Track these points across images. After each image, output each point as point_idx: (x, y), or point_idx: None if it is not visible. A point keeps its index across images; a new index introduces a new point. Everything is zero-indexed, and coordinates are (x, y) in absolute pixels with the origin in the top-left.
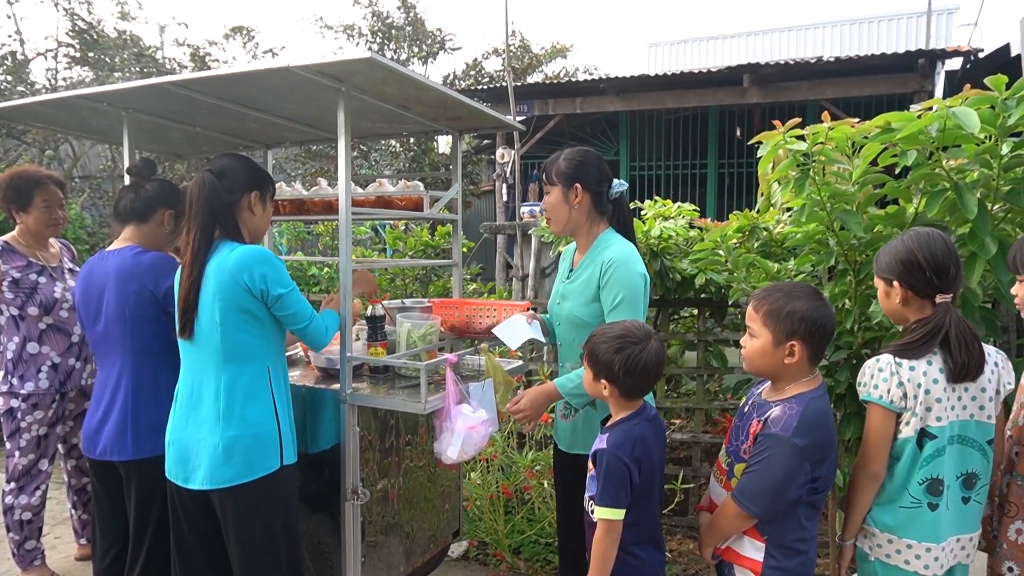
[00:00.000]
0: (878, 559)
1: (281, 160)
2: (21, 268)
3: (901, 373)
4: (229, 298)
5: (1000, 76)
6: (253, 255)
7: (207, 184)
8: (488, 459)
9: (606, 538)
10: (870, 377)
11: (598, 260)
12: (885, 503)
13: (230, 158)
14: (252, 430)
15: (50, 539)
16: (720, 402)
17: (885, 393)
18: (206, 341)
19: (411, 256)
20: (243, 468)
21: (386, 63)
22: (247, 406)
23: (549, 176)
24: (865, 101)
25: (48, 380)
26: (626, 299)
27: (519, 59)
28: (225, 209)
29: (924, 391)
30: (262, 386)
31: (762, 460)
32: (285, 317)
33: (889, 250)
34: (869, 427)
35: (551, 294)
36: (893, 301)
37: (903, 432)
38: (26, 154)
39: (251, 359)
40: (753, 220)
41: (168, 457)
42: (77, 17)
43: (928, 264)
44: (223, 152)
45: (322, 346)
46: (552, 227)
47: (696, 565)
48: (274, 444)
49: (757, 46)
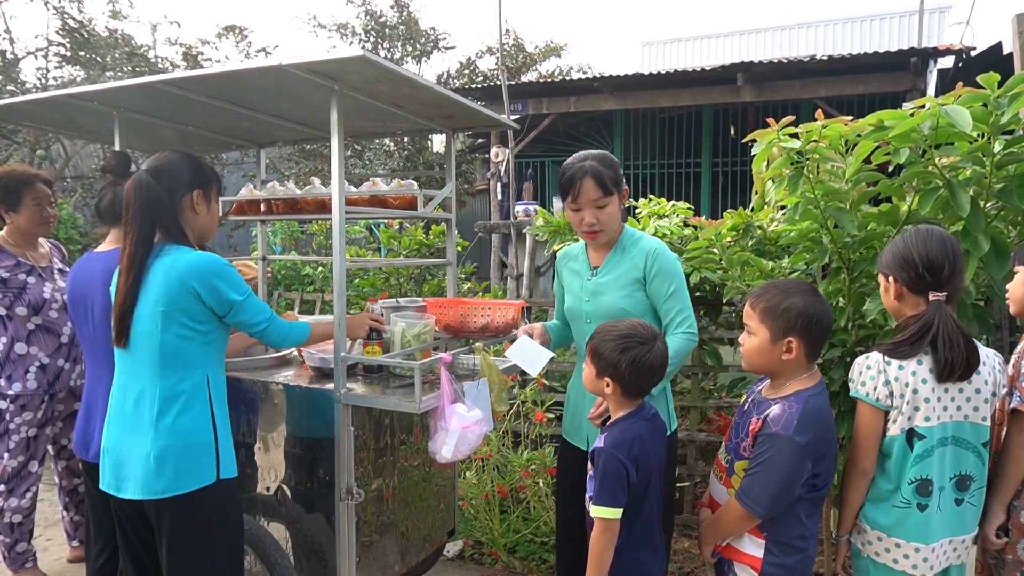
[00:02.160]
0: (869, 556)
1: (275, 159)
2: (10, 268)
3: (889, 372)
4: (174, 303)
5: (992, 74)
6: (207, 264)
7: (143, 184)
8: (483, 458)
9: (603, 537)
10: (859, 374)
11: (634, 251)
12: (877, 500)
13: (169, 155)
14: (185, 440)
15: (41, 541)
16: (715, 400)
17: (872, 391)
18: (143, 348)
19: (405, 255)
20: (175, 480)
21: (379, 61)
22: (182, 415)
23: (606, 186)
24: (858, 99)
25: (36, 381)
26: (679, 287)
27: (513, 58)
28: (165, 210)
29: (912, 391)
30: (200, 395)
31: (764, 460)
32: (241, 323)
33: (890, 246)
34: (858, 423)
35: (567, 296)
36: (889, 296)
37: (890, 430)
38: (17, 154)
39: (190, 367)
40: (747, 218)
41: (102, 466)
42: (68, 16)
43: (922, 261)
44: (217, 151)
45: (282, 346)
46: (602, 238)
47: (691, 563)
48: (210, 456)
49: (750, 45)
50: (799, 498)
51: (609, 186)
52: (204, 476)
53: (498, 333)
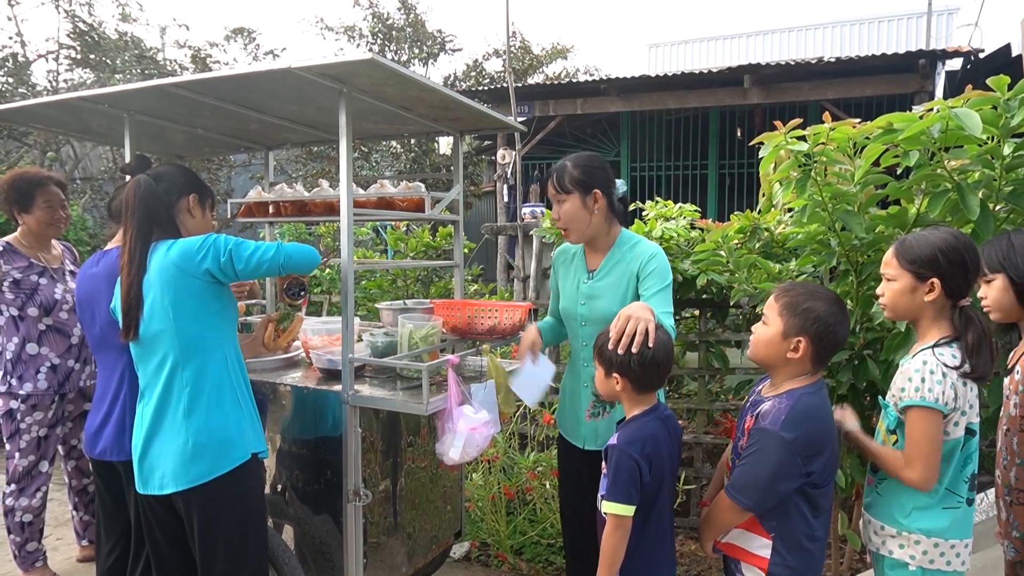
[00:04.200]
0: (921, 567)
1: (282, 161)
2: (23, 269)
3: (950, 375)
4: (179, 291)
5: (1002, 77)
6: (192, 241)
7: (143, 184)
8: (490, 460)
9: (615, 534)
10: (921, 381)
11: (631, 256)
12: (928, 508)
13: (168, 166)
14: (219, 434)
15: (51, 540)
16: (722, 403)
17: (941, 395)
18: (161, 344)
19: (412, 257)
20: (211, 467)
21: (387, 64)
22: (212, 409)
23: (562, 185)
24: (866, 101)
25: (47, 381)
26: (667, 289)
27: (520, 60)
28: (163, 208)
29: (970, 389)
30: (224, 380)
31: (752, 454)
32: (251, 261)
33: (928, 245)
34: (924, 434)
35: (562, 296)
36: (918, 298)
37: (952, 433)
38: (27, 155)
39: (210, 349)
40: (754, 221)
41: (137, 470)
42: (78, 19)
43: (972, 267)
44: (225, 153)
45: (298, 264)
46: (571, 237)
47: (698, 566)
48: (241, 436)
49: (758, 46)
50: (800, 495)
51: (567, 185)
52: (237, 455)
53: (505, 335)
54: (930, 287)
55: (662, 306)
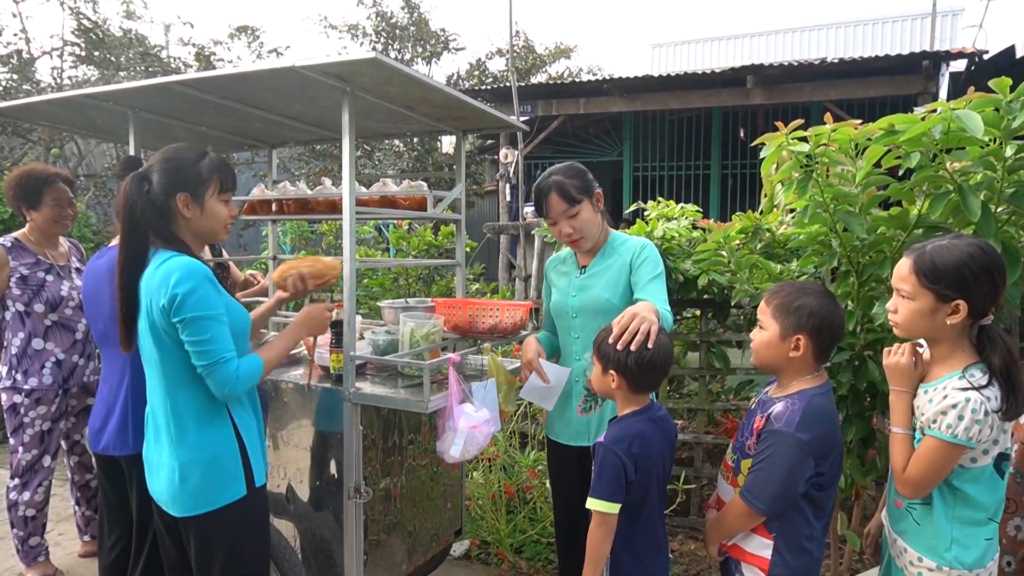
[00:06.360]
0: None
1: (285, 159)
2: (30, 265)
3: (991, 416)
4: (156, 322)
5: (1004, 79)
6: (172, 270)
7: (129, 191)
8: (490, 458)
9: (599, 530)
10: (959, 419)
11: (624, 249)
12: (968, 540)
13: (158, 159)
14: (209, 454)
15: (54, 535)
16: (723, 403)
17: (976, 435)
18: (148, 360)
19: (414, 256)
20: (203, 496)
21: (391, 63)
22: (200, 429)
23: (571, 197)
24: (869, 102)
25: (51, 376)
26: (661, 279)
27: (523, 59)
28: (153, 213)
29: (1000, 418)
30: (215, 407)
31: (767, 457)
32: (188, 344)
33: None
34: (941, 463)
35: (554, 293)
36: (939, 320)
37: (980, 461)
38: (32, 152)
39: (196, 381)
40: (756, 221)
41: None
42: (83, 16)
43: (1002, 283)
44: (229, 151)
45: (222, 394)
46: (585, 245)
47: (698, 566)
48: (237, 468)
49: (761, 47)
50: (804, 496)
51: (575, 195)
52: (234, 490)
53: (506, 334)
54: (954, 308)
55: (658, 295)
